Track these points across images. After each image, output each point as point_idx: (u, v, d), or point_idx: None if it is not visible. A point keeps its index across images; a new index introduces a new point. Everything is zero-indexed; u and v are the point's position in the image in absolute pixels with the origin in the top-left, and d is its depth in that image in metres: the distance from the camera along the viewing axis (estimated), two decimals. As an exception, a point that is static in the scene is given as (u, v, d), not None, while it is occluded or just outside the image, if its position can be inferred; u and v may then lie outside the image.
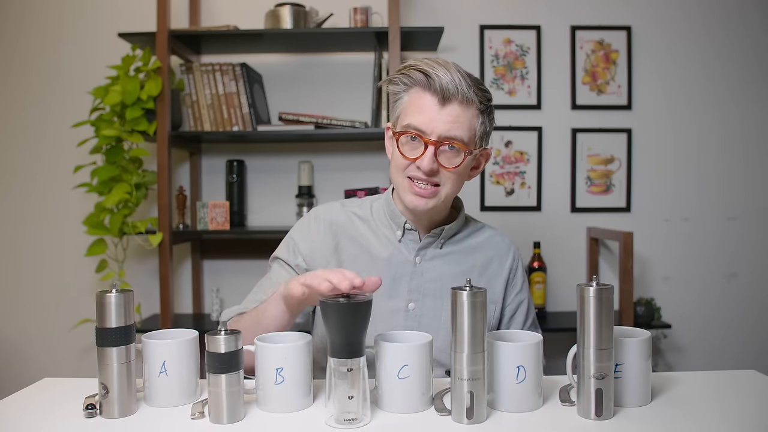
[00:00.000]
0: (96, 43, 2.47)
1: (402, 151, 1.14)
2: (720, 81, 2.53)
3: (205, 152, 2.54)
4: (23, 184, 2.53)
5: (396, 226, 1.23)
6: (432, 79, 1.10)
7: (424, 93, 1.12)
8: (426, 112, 1.11)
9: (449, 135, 1.11)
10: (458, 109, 1.11)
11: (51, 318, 2.52)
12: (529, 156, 2.52)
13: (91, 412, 0.89)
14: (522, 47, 2.51)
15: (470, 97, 1.11)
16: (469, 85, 1.11)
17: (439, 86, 1.09)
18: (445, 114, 1.11)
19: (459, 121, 1.11)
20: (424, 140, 1.11)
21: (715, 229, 2.55)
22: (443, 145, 1.12)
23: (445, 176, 1.14)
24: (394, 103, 1.18)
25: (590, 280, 0.87)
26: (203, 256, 2.54)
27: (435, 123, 1.11)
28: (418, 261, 1.22)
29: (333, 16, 2.32)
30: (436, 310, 1.21)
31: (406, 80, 1.14)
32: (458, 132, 1.12)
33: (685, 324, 2.53)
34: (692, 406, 0.94)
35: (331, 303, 0.85)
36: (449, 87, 1.09)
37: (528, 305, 1.32)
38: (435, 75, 1.09)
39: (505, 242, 1.31)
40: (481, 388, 0.86)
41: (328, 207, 1.30)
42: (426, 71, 1.10)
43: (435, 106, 1.11)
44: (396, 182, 1.19)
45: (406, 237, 1.23)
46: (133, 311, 0.92)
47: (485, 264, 1.27)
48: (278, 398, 0.91)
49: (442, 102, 1.11)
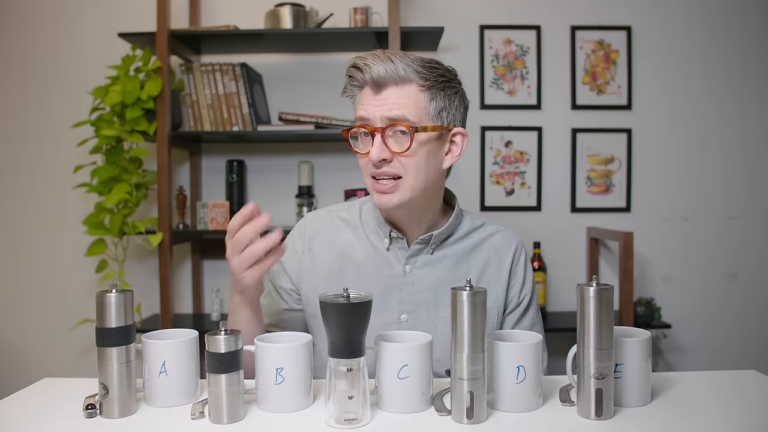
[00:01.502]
0: (96, 43, 2.47)
1: (356, 149, 1.11)
2: (720, 81, 2.53)
3: (205, 152, 2.54)
4: (23, 184, 2.53)
5: (383, 234, 1.17)
6: (364, 71, 1.07)
7: (364, 88, 1.10)
8: (364, 102, 1.08)
9: (390, 116, 1.05)
10: (395, 91, 1.06)
11: (51, 318, 2.52)
12: (529, 156, 2.52)
13: (91, 412, 0.89)
14: (522, 47, 2.51)
15: (407, 75, 1.06)
16: (408, 65, 1.06)
17: (371, 76, 1.06)
18: (381, 98, 1.07)
19: (399, 102, 1.06)
20: (369, 130, 1.07)
21: (715, 228, 2.55)
22: (388, 129, 1.06)
23: (403, 164, 1.07)
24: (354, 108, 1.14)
25: (590, 280, 0.87)
26: (203, 256, 2.54)
27: (373, 109, 1.07)
28: (408, 270, 1.15)
29: (333, 16, 2.32)
30: (431, 321, 1.15)
31: (352, 83, 1.11)
32: (399, 111, 1.05)
33: (685, 324, 2.53)
34: (692, 406, 0.94)
35: (331, 303, 0.84)
36: (380, 73, 1.05)
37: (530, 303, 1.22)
38: (364, 66, 1.06)
39: (506, 239, 1.22)
40: (481, 388, 0.86)
41: (311, 217, 1.25)
42: (356, 64, 1.08)
43: (370, 93, 1.08)
44: (368, 187, 1.13)
45: (394, 245, 1.16)
46: (133, 311, 0.92)
47: (482, 267, 1.19)
48: (278, 398, 0.91)
49: (376, 89, 1.07)
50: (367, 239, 1.19)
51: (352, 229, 1.20)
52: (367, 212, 1.21)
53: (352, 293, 0.86)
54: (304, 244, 1.21)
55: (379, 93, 1.07)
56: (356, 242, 1.19)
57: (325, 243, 1.20)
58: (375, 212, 1.18)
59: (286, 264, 1.21)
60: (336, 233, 1.21)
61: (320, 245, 1.20)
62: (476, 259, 1.19)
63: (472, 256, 1.19)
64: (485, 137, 2.50)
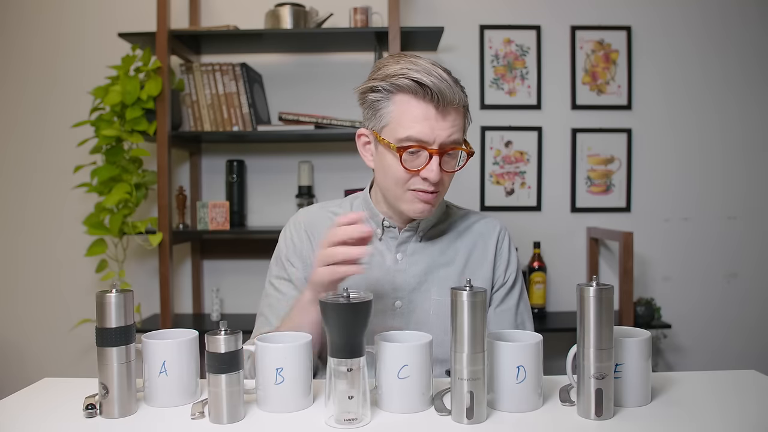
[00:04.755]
0: (96, 43, 2.47)
1: (405, 165, 1.08)
2: (720, 81, 2.53)
3: (205, 152, 2.54)
4: (23, 184, 2.53)
5: (375, 224, 1.21)
6: (426, 86, 1.04)
7: (416, 101, 1.06)
8: (424, 120, 1.06)
9: (451, 141, 1.08)
10: (454, 113, 1.08)
11: (51, 318, 2.52)
12: (529, 156, 2.52)
13: (91, 412, 0.89)
14: (522, 47, 2.51)
15: (461, 98, 1.08)
16: (455, 83, 1.07)
17: (437, 93, 1.04)
18: (446, 122, 1.07)
19: (456, 125, 1.08)
20: (428, 150, 1.07)
21: (715, 229, 2.55)
22: (446, 153, 1.09)
23: (443, 180, 1.11)
24: (376, 111, 1.11)
25: (590, 280, 0.87)
26: (203, 256, 2.54)
27: (437, 132, 1.06)
28: (399, 257, 1.19)
29: (333, 16, 2.32)
30: (424, 305, 1.18)
31: (390, 87, 1.08)
32: (457, 135, 1.09)
33: (685, 324, 2.53)
34: (692, 406, 0.94)
35: (331, 303, 0.85)
36: (445, 92, 1.05)
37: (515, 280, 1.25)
38: (429, 81, 1.04)
39: (490, 224, 1.27)
40: (481, 388, 0.86)
41: (306, 210, 1.28)
42: (417, 79, 1.04)
43: (433, 114, 1.06)
44: (393, 195, 1.13)
45: (386, 234, 1.20)
46: (133, 311, 0.92)
47: (469, 250, 1.23)
48: (278, 398, 0.91)
49: (439, 108, 1.06)
50: None
51: None
52: (357, 207, 1.25)
53: (352, 293, 0.86)
54: (302, 234, 1.23)
55: (443, 114, 1.07)
56: None
57: (322, 233, 1.20)
58: (366, 205, 1.23)
59: (290, 259, 1.23)
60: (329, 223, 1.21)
61: (317, 235, 1.22)
62: (463, 244, 1.23)
63: (459, 242, 1.24)
64: (485, 137, 2.50)
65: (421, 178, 1.09)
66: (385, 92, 1.09)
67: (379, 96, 1.10)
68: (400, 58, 1.10)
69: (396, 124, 1.08)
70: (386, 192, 1.16)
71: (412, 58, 1.09)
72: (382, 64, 1.12)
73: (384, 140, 1.10)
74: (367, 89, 1.12)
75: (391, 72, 1.08)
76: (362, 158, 1.19)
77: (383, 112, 1.10)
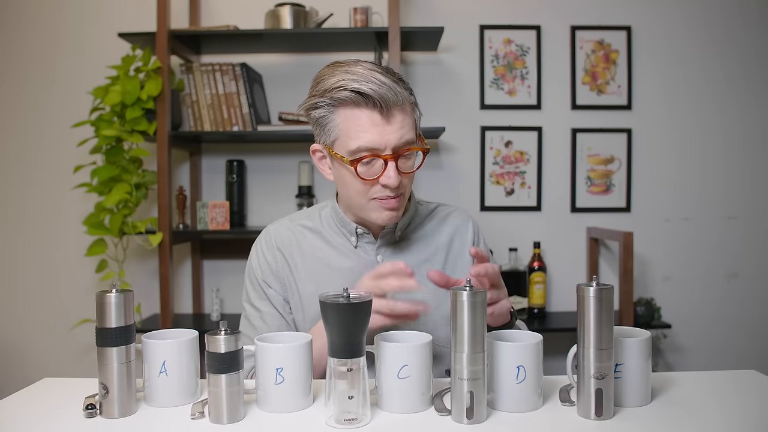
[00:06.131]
0: (96, 43, 2.47)
1: (361, 176, 1.06)
2: (720, 81, 2.53)
3: (205, 152, 2.54)
4: (23, 184, 2.53)
5: (348, 233, 1.19)
6: (366, 95, 1.02)
7: (360, 110, 1.04)
8: (372, 128, 1.04)
9: (403, 142, 1.05)
10: (401, 114, 1.05)
11: (51, 318, 2.52)
12: (529, 156, 2.52)
13: (91, 412, 0.89)
14: (522, 47, 2.51)
15: (404, 98, 1.05)
16: (396, 82, 1.04)
17: (378, 99, 1.02)
18: (394, 125, 1.04)
19: (405, 125, 1.06)
20: (382, 157, 1.04)
21: (715, 229, 2.55)
22: (401, 156, 1.06)
23: (403, 182, 1.09)
24: (323, 126, 1.10)
25: (590, 280, 0.87)
26: (203, 256, 2.55)
27: (386, 137, 1.04)
28: (380, 260, 1.18)
29: (333, 16, 2.32)
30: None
31: (331, 101, 1.06)
32: (409, 135, 1.06)
33: (685, 324, 2.53)
34: (692, 406, 0.94)
35: (331, 303, 0.84)
36: (387, 97, 1.02)
37: None
38: (368, 89, 1.01)
39: (461, 216, 1.28)
40: (481, 388, 0.86)
41: (275, 227, 1.25)
42: (357, 89, 1.02)
43: (379, 120, 1.03)
44: (358, 205, 1.12)
45: (362, 241, 1.19)
46: (133, 311, 0.92)
47: (448, 243, 1.24)
48: (278, 398, 0.91)
49: (384, 113, 1.03)
50: (334, 241, 1.21)
51: (317, 235, 1.22)
52: (326, 216, 1.23)
53: (352, 293, 0.86)
54: (275, 254, 1.21)
55: (388, 118, 1.04)
56: (324, 246, 1.20)
57: (295, 250, 1.21)
58: (337, 216, 1.20)
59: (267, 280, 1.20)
60: (303, 239, 1.22)
61: (291, 253, 1.21)
62: (441, 238, 1.24)
63: (437, 236, 1.24)
64: (485, 137, 2.50)
65: (381, 186, 1.07)
66: (327, 107, 1.07)
67: (323, 111, 1.08)
68: (336, 68, 1.07)
69: (345, 137, 1.06)
70: (350, 203, 1.15)
71: (349, 67, 1.06)
72: (319, 77, 1.10)
73: (337, 154, 1.08)
74: (309, 106, 1.11)
75: (329, 85, 1.06)
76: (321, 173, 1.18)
77: (330, 127, 1.08)
